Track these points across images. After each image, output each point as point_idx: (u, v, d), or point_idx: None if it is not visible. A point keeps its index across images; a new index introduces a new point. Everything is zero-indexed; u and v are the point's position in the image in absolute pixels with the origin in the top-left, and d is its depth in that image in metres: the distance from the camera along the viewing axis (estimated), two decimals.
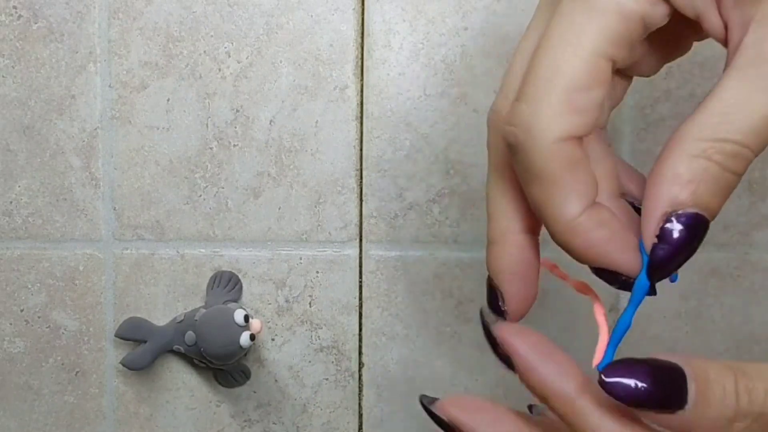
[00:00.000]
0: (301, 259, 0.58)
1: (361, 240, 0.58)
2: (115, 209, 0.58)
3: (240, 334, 0.54)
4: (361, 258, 0.58)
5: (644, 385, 0.23)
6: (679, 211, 0.24)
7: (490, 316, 0.28)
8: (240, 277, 0.58)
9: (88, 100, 0.58)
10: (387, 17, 0.57)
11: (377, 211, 0.58)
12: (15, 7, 0.58)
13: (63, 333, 0.59)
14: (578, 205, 0.25)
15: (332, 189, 0.58)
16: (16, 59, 0.58)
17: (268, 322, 0.59)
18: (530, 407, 0.31)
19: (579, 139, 0.25)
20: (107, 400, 0.60)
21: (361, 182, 0.58)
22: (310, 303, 0.58)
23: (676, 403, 0.23)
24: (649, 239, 0.24)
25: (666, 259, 0.24)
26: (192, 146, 0.58)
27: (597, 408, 0.25)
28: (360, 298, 0.58)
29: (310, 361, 0.59)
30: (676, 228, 0.24)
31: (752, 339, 0.58)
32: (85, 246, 0.59)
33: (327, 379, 0.59)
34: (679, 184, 0.24)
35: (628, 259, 0.26)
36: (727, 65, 0.24)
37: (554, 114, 0.25)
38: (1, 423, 0.60)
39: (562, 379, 0.26)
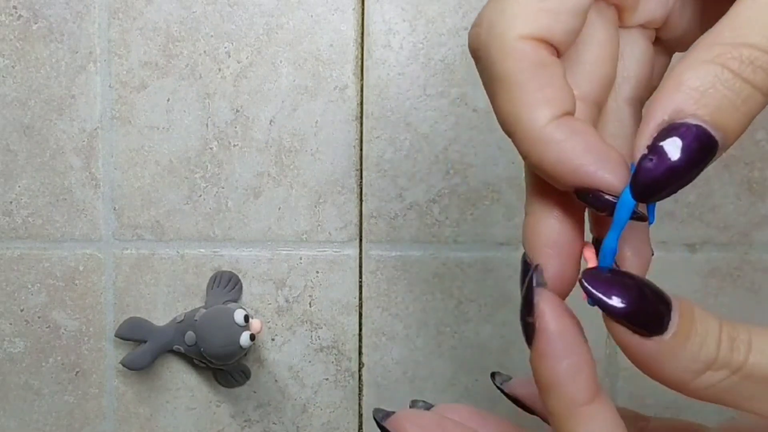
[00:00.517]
0: (301, 259, 0.58)
1: (361, 240, 0.58)
2: (115, 209, 0.58)
3: (240, 334, 0.54)
4: (361, 258, 0.58)
5: (626, 299, 0.21)
6: (679, 121, 0.20)
7: (540, 277, 0.24)
8: (240, 277, 0.58)
9: (88, 100, 0.58)
10: (387, 17, 0.57)
11: (377, 211, 0.58)
12: (15, 7, 0.58)
13: (63, 333, 0.59)
14: (546, 112, 0.22)
15: (332, 189, 0.58)
16: (16, 59, 0.58)
17: (268, 322, 0.59)
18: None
19: (549, 45, 0.22)
20: (107, 400, 0.60)
21: (361, 182, 0.58)
22: (310, 303, 0.58)
23: (654, 326, 0.21)
24: (640, 151, 0.20)
25: (654, 175, 0.20)
26: (192, 146, 0.58)
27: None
28: (360, 298, 0.58)
29: (310, 361, 0.59)
30: (671, 140, 0.20)
31: None
32: (85, 246, 0.59)
33: (327, 379, 0.59)
34: (683, 91, 0.20)
35: (608, 173, 0.21)
36: None
37: (521, 11, 0.22)
38: (1, 423, 0.60)
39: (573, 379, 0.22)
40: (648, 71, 0.26)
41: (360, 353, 0.59)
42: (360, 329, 0.59)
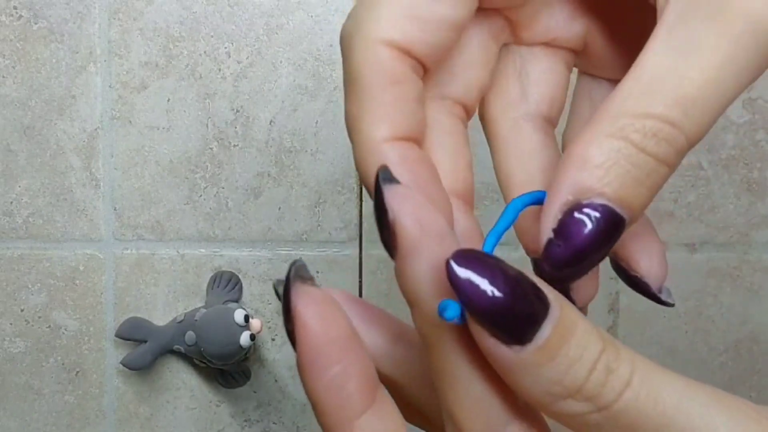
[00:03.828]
0: (301, 259, 0.58)
1: (361, 240, 0.58)
2: (115, 209, 0.58)
3: (240, 334, 0.54)
4: (361, 258, 0.58)
5: (499, 294, 0.17)
6: (584, 201, 0.19)
7: (301, 270, 0.21)
8: (240, 277, 0.58)
9: (89, 100, 0.58)
10: None
11: None
12: (15, 8, 0.58)
13: (63, 333, 0.59)
14: (385, 130, 0.21)
15: (332, 189, 0.58)
16: (16, 59, 0.58)
17: (268, 322, 0.59)
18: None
19: (411, 58, 0.21)
20: (107, 400, 0.60)
21: (361, 182, 0.58)
22: None
23: (518, 334, 0.17)
24: (546, 234, 0.19)
25: (563, 258, 0.19)
26: (192, 146, 0.58)
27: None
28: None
29: None
30: (577, 223, 0.19)
31: (752, 339, 0.58)
32: (85, 246, 0.59)
33: None
34: (587, 168, 0.19)
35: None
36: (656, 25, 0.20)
37: (388, 14, 0.21)
38: (2, 423, 0.60)
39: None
40: (554, 90, 0.24)
41: None
42: None
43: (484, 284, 0.17)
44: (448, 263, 0.17)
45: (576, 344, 0.17)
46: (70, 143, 0.58)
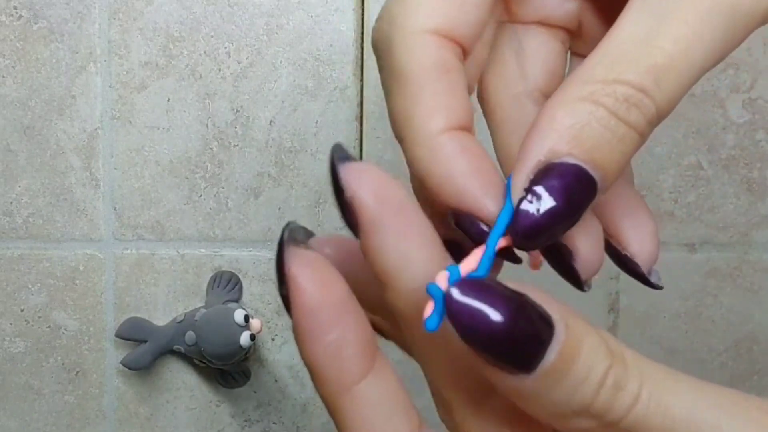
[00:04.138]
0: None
1: None
2: (115, 209, 0.58)
3: (240, 334, 0.54)
4: None
5: (501, 324, 0.16)
6: (555, 161, 0.18)
7: (296, 232, 0.20)
8: (240, 277, 0.58)
9: (89, 100, 0.58)
10: None
11: None
12: (15, 8, 0.58)
13: (63, 333, 0.59)
14: (441, 121, 0.20)
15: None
16: (16, 59, 0.58)
17: (268, 322, 0.59)
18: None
19: (454, 43, 0.21)
20: (107, 400, 0.60)
21: None
22: None
23: (523, 363, 0.16)
24: (517, 194, 0.19)
25: (535, 219, 0.18)
26: (192, 146, 0.58)
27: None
28: None
29: None
30: (549, 182, 0.18)
31: (752, 339, 0.58)
32: (85, 246, 0.59)
33: None
34: (556, 130, 0.18)
35: (491, 200, 0.19)
36: None
37: (425, 3, 0.20)
38: (2, 423, 0.60)
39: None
40: (551, 65, 0.24)
41: None
42: None
43: (484, 315, 0.16)
44: (448, 293, 0.16)
45: (583, 363, 0.17)
46: (70, 143, 0.58)
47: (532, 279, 0.18)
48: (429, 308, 0.17)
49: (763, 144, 0.57)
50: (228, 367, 0.58)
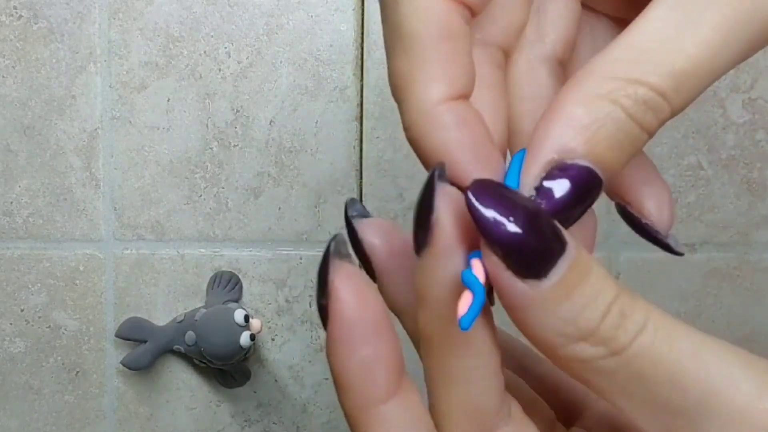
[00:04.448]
0: (301, 259, 0.58)
1: None
2: (115, 209, 0.58)
3: (240, 334, 0.54)
4: None
5: (518, 226, 0.17)
6: (567, 162, 0.18)
7: (341, 246, 0.20)
8: (240, 277, 0.58)
9: (89, 100, 0.58)
10: None
11: (377, 211, 0.58)
12: (15, 8, 0.58)
13: (63, 333, 0.59)
14: (442, 89, 0.20)
15: (332, 189, 0.58)
16: (16, 59, 0.58)
17: (268, 322, 0.59)
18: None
19: (462, 5, 0.20)
20: (107, 400, 0.60)
21: (361, 182, 0.58)
22: (310, 303, 0.58)
23: (535, 268, 0.17)
24: (527, 191, 0.19)
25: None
26: (192, 146, 0.58)
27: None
28: None
29: (310, 361, 0.59)
30: (559, 182, 0.18)
31: (752, 338, 0.58)
32: (85, 246, 0.59)
33: (327, 379, 0.59)
34: (573, 127, 0.18)
35: (482, 176, 0.20)
36: None
37: None
38: (2, 423, 0.60)
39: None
40: (569, 31, 0.24)
41: None
42: None
43: (504, 216, 0.17)
44: (467, 193, 0.17)
45: (591, 286, 0.17)
46: (70, 143, 0.58)
47: None
48: (464, 303, 0.18)
49: (763, 144, 0.57)
50: (228, 367, 0.58)
